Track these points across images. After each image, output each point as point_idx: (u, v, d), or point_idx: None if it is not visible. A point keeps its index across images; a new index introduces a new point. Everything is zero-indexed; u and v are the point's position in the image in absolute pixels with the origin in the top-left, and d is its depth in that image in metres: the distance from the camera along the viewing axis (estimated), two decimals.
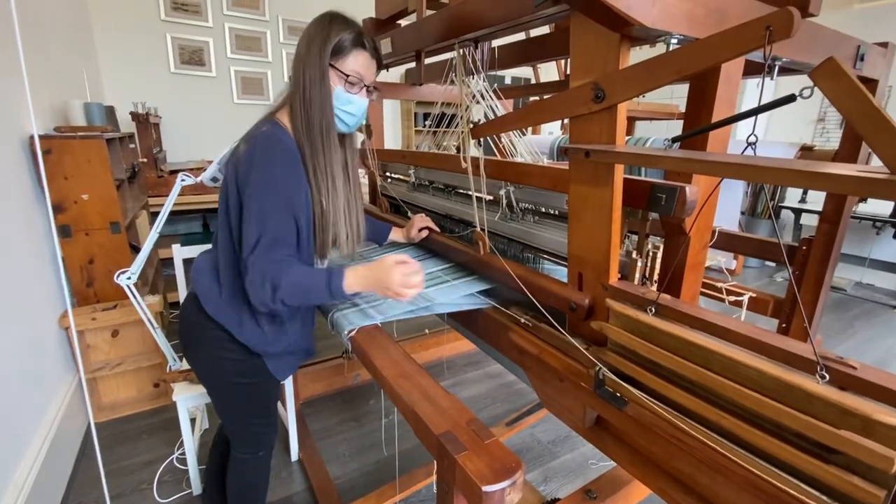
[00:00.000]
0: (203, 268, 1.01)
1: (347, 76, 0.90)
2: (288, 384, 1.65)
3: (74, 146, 1.77)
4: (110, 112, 2.48)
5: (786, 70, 0.88)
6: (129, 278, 1.38)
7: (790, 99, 0.42)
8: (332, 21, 0.89)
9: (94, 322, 1.80)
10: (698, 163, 0.49)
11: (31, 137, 1.68)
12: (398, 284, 0.85)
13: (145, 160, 2.87)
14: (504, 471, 0.54)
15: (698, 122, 0.71)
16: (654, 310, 0.68)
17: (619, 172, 0.68)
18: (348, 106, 0.93)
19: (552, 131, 3.57)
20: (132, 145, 2.81)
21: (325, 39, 0.88)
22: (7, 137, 1.55)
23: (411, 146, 4.79)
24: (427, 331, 2.49)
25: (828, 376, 0.51)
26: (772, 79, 0.89)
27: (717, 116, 0.70)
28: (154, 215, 2.84)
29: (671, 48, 0.64)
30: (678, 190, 0.67)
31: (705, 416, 0.60)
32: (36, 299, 1.59)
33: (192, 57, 3.66)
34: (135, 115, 2.84)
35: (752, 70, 0.81)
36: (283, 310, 0.92)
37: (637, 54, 0.64)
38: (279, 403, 1.78)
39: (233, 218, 0.90)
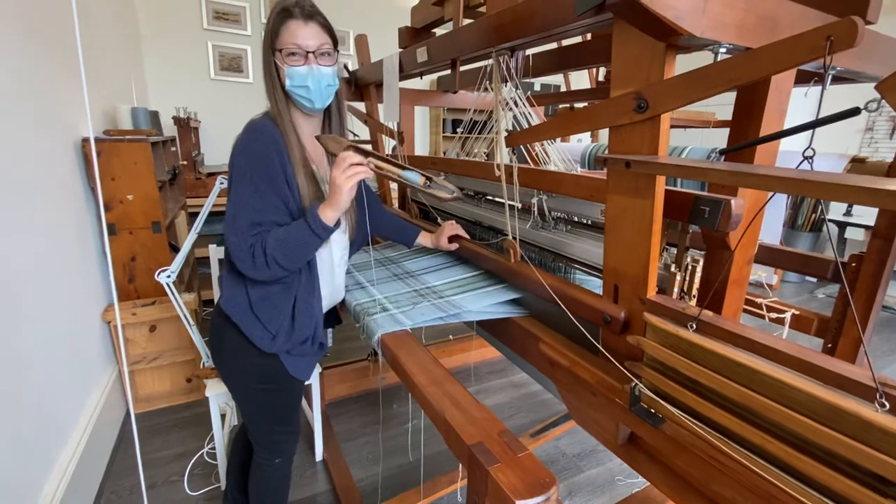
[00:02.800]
0: (224, 267, 1.04)
1: (282, 49, 0.90)
2: (315, 383, 1.67)
3: (122, 149, 1.86)
4: (154, 116, 2.59)
5: (838, 79, 0.84)
6: (168, 276, 1.43)
7: (854, 112, 0.40)
8: (272, 10, 0.92)
9: (134, 317, 1.88)
10: (750, 176, 0.48)
11: (84, 140, 1.77)
12: (343, 178, 0.85)
13: (185, 163, 2.99)
14: (538, 486, 0.53)
15: (746, 133, 0.69)
16: (695, 326, 0.66)
17: (661, 184, 0.66)
18: (297, 79, 0.91)
19: (581, 139, 3.52)
20: (173, 148, 2.93)
21: (266, 28, 0.91)
22: (63, 140, 1.64)
23: (439, 152, 4.82)
24: (451, 336, 2.49)
25: (888, 404, 0.48)
26: (824, 88, 0.85)
27: (766, 127, 0.67)
28: (191, 215, 2.96)
29: (719, 57, 0.63)
30: (723, 203, 0.65)
31: (749, 439, 0.57)
32: (81, 294, 1.67)
33: (231, 64, 3.80)
34: (177, 120, 2.96)
35: (799, 79, 0.78)
36: (282, 273, 0.91)
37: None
38: (304, 404, 1.81)
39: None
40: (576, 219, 1.03)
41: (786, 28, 0.67)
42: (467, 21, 1.06)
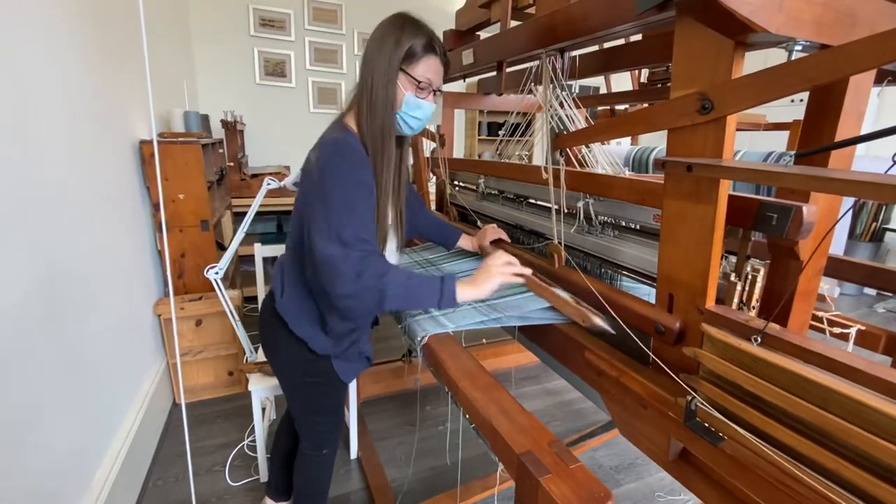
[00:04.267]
0: (277, 268, 1.07)
1: (420, 82, 0.89)
2: (351, 382, 1.70)
3: (175, 150, 1.95)
4: (205, 120, 2.71)
5: None
6: (216, 273, 1.49)
7: None
8: (404, 25, 0.88)
9: (182, 311, 1.96)
10: (835, 182, 0.44)
11: (141, 142, 1.87)
12: (498, 271, 0.92)
13: (231, 164, 3.11)
14: (592, 500, 0.51)
15: (821, 135, 0.65)
16: (759, 339, 0.62)
17: (725, 188, 0.63)
18: (417, 111, 0.92)
19: (620, 141, 3.43)
20: (220, 150, 3.05)
21: (396, 43, 0.87)
22: (123, 142, 1.74)
23: (474, 155, 4.81)
24: (484, 340, 2.47)
25: None
26: None
27: (843, 129, 0.63)
28: (236, 215, 3.07)
29: (794, 55, 0.59)
30: (793, 210, 0.61)
31: (822, 464, 0.53)
32: (135, 288, 1.76)
33: (276, 69, 3.93)
34: (224, 123, 3.08)
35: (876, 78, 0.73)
36: (374, 307, 0.87)
37: None
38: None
39: (306, 225, 0.90)
40: (623, 223, 1.00)
41: (865, 24, 0.63)
42: (514, 23, 1.05)
